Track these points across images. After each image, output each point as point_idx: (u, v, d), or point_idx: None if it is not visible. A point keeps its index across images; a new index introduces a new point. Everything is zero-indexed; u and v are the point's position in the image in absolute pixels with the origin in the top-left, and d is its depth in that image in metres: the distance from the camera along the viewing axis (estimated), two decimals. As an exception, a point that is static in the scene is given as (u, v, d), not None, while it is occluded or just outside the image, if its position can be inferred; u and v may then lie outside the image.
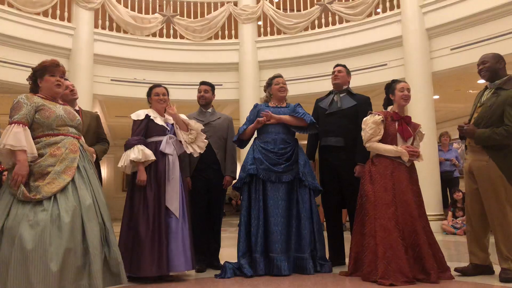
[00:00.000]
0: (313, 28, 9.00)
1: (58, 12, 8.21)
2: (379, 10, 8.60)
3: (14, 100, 2.68)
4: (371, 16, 8.50)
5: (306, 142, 4.25)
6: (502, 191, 3.27)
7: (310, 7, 9.12)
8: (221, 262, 3.83)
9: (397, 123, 3.54)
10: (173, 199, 3.50)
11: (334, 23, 8.81)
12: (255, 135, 4.05)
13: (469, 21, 7.18)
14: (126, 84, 8.67)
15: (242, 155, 5.03)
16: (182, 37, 9.22)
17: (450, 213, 7.24)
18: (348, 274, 3.45)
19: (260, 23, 9.47)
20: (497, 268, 3.33)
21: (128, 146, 3.52)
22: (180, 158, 3.70)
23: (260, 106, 4.06)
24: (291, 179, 3.77)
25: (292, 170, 3.79)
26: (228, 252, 4.28)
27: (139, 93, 5.92)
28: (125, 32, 8.87)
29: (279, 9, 9.37)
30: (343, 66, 4.31)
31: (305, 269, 3.59)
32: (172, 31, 9.17)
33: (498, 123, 3.29)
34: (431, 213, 6.59)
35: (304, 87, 8.52)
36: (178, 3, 9.44)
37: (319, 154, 4.19)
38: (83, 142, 2.88)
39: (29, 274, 2.32)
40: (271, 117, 3.86)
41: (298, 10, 9.29)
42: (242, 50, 9.18)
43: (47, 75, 2.77)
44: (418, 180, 3.54)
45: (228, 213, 13.43)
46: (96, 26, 8.58)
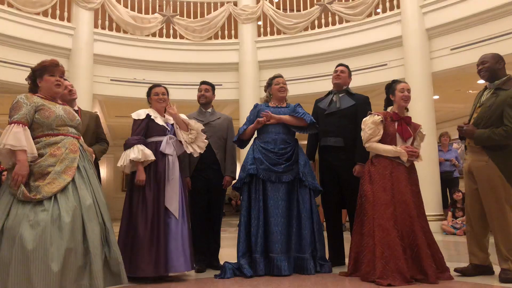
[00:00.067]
0: (313, 28, 9.00)
1: (58, 12, 8.21)
2: (379, 10, 8.60)
3: (14, 100, 2.67)
4: (371, 16, 8.50)
5: (306, 142, 4.25)
6: (502, 191, 3.27)
7: (310, 7, 9.12)
8: (221, 263, 3.82)
9: (397, 124, 3.54)
10: (173, 200, 3.49)
11: (334, 23, 8.81)
12: (255, 135, 4.05)
13: (469, 21, 7.19)
14: (126, 84, 8.67)
15: (242, 155, 5.03)
16: (182, 37, 9.22)
17: (450, 214, 7.24)
18: (348, 274, 3.45)
19: (260, 23, 9.47)
20: (497, 269, 3.32)
21: (128, 146, 3.51)
22: (180, 158, 3.69)
23: (260, 106, 4.06)
24: (291, 179, 3.77)
25: (292, 170, 3.78)
26: (228, 252, 4.28)
27: (139, 93, 5.91)
28: (125, 32, 8.87)
29: (279, 9, 9.37)
30: (346, 67, 4.28)
31: (306, 269, 3.59)
32: (172, 31, 9.17)
33: (498, 124, 3.29)
34: (431, 213, 6.60)
35: (304, 87, 8.52)
36: (178, 3, 9.44)
37: (319, 155, 4.18)
38: (83, 142, 2.88)
39: (30, 274, 2.33)
40: (271, 117, 3.85)
41: (298, 10, 9.29)
42: (242, 50, 9.18)
43: (47, 75, 2.77)
44: (418, 181, 3.54)
45: (228, 213, 13.43)
46: (96, 26, 8.58)
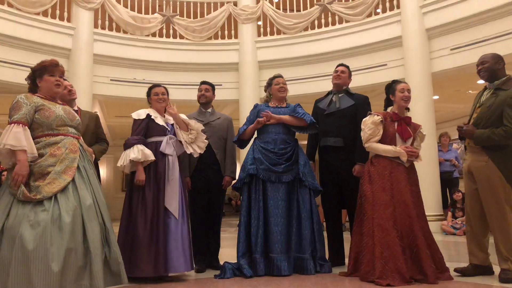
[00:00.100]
0: (313, 28, 9.00)
1: (58, 12, 8.21)
2: (379, 10, 8.60)
3: (14, 100, 2.67)
4: (371, 16, 8.50)
5: (306, 143, 4.25)
6: (501, 192, 3.27)
7: (310, 7, 9.12)
8: (221, 263, 3.82)
9: (397, 124, 3.54)
10: (173, 200, 3.49)
11: (334, 23, 8.80)
12: (255, 135, 4.05)
13: (469, 21, 7.18)
14: (126, 84, 8.67)
15: (242, 155, 5.03)
16: (182, 37, 9.21)
17: (450, 214, 7.23)
18: (348, 275, 3.45)
19: (260, 23, 9.46)
20: (497, 269, 3.33)
21: (128, 145, 3.51)
22: (180, 159, 3.69)
23: (260, 106, 4.06)
24: (291, 179, 3.77)
25: (292, 170, 3.78)
26: (228, 252, 4.28)
27: (139, 93, 5.92)
28: (125, 32, 8.86)
29: (279, 9, 9.37)
30: (346, 67, 4.27)
31: (306, 269, 3.59)
32: (172, 31, 9.16)
33: (497, 124, 3.29)
34: (431, 214, 6.60)
35: (304, 87, 8.52)
36: (178, 3, 9.44)
37: (319, 155, 4.18)
38: (83, 142, 2.88)
39: (30, 274, 2.33)
40: (271, 117, 3.85)
41: (298, 10, 9.29)
42: (242, 50, 9.17)
43: (47, 75, 2.77)
44: (418, 181, 3.53)
45: (228, 213, 13.43)
46: (96, 26, 8.57)
